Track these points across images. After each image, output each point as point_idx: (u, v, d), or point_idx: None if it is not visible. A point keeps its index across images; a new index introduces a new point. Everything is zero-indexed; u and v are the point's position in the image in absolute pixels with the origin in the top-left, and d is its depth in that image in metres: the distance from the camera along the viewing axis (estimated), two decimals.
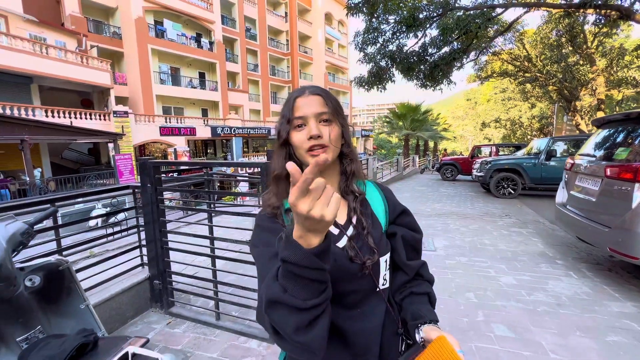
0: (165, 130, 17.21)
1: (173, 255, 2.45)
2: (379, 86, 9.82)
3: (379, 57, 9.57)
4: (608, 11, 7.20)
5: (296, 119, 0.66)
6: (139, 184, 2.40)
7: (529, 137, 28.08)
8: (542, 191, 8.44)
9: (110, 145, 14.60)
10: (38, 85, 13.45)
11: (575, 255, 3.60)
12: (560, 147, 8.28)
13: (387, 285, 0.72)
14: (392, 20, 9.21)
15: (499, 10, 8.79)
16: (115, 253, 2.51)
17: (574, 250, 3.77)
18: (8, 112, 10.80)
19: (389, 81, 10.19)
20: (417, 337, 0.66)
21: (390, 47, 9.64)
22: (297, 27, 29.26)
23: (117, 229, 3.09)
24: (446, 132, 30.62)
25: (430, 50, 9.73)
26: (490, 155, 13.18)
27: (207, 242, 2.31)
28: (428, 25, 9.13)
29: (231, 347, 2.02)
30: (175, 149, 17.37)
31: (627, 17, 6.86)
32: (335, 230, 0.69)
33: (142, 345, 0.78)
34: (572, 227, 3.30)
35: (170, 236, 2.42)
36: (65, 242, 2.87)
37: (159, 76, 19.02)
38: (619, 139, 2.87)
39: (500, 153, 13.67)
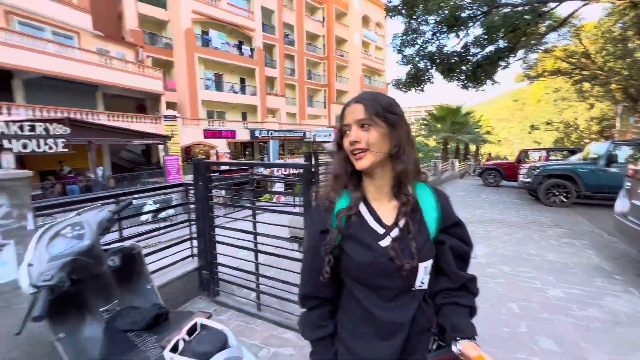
0: (208, 133, 18.30)
1: (219, 248, 2.66)
2: (417, 88, 9.62)
3: (417, 58, 9.39)
4: None
5: (344, 126, 0.74)
6: (191, 182, 2.65)
7: (585, 140, 25.53)
8: (599, 200, 7.67)
9: (161, 146, 15.88)
10: (102, 93, 15.05)
11: (638, 271, 3.26)
12: (624, 152, 7.46)
13: (425, 287, 0.74)
14: (432, 21, 9.00)
15: (552, 4, 8.20)
16: (168, 245, 2.79)
17: (636, 265, 3.41)
18: (78, 116, 12.25)
19: (428, 82, 9.95)
20: (454, 349, 0.68)
21: (430, 48, 9.41)
22: (334, 31, 29.56)
23: (165, 223, 3.40)
24: (489, 135, 28.89)
25: (472, 50, 9.34)
26: (539, 160, 12.23)
27: (249, 237, 2.48)
28: (471, 24, 8.79)
29: (271, 337, 2.16)
30: (217, 151, 18.39)
31: None
32: (380, 229, 0.73)
33: (207, 318, 0.91)
34: (635, 239, 3.00)
35: (217, 230, 2.63)
36: (124, 233, 3.24)
37: (204, 82, 20.30)
38: None
39: (551, 158, 12.63)
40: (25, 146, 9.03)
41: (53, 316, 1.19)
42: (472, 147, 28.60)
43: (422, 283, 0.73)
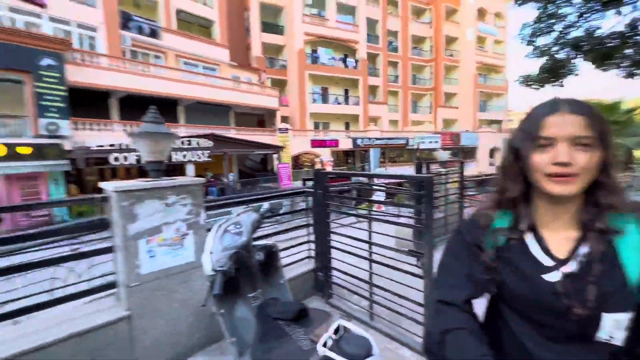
0: (315, 143, 19.74)
1: (334, 253, 2.80)
2: (555, 82, 8.00)
3: (556, 47, 7.81)
4: None
5: (543, 138, 0.58)
6: (310, 189, 2.89)
7: None
8: None
9: (275, 155, 18.05)
10: (233, 112, 18.22)
11: None
12: None
13: (616, 342, 0.56)
14: (578, 1, 7.34)
15: None
16: (289, 245, 3.10)
17: None
18: (218, 132, 15.21)
19: (569, 74, 8.14)
20: None
21: (574, 33, 7.68)
22: (443, 31, 27.65)
23: (284, 227, 3.80)
24: None
25: None
26: None
27: (364, 245, 2.52)
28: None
29: (385, 350, 2.12)
30: (321, 159, 19.63)
31: None
32: (547, 261, 0.61)
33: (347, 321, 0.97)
34: None
35: (332, 236, 2.78)
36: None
37: (312, 97, 22.10)
38: None
39: None
40: (185, 156, 11.71)
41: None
42: (638, 153, 21.65)
43: (611, 337, 0.56)
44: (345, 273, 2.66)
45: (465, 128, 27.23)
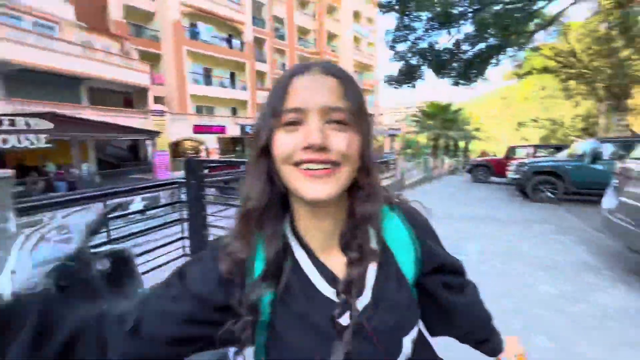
0: (198, 128, 17.98)
1: None
2: (409, 84, 9.66)
3: (409, 54, 9.41)
4: None
5: (288, 111, 0.40)
6: (184, 179, 2.57)
7: (570, 137, 26.22)
8: (585, 196, 7.89)
9: (148, 142, 15.53)
10: (86, 87, 14.56)
11: (624, 266, 3.35)
12: (608, 150, 7.68)
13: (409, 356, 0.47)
14: (424, 17, 9.01)
15: (541, 3, 8.31)
16: (159, 245, 2.71)
17: (622, 261, 3.51)
18: (62, 111, 11.84)
19: (419, 79, 9.99)
20: None
21: (422, 44, 9.45)
22: (325, 26, 29.34)
23: (158, 222, 3.31)
24: (478, 132, 29.37)
25: (464, 47, 9.42)
26: (527, 156, 12.49)
27: None
28: (463, 21, 8.84)
29: None
30: (206, 147, 18.11)
31: None
32: (330, 293, 0.44)
33: None
34: (622, 236, 3.08)
35: (212, 230, 2.57)
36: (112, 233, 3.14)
37: (193, 76, 19.90)
38: None
39: (538, 154, 12.90)
40: (5, 141, 8.68)
41: None
42: (462, 144, 29.04)
43: (407, 356, 0.47)
44: None
45: None
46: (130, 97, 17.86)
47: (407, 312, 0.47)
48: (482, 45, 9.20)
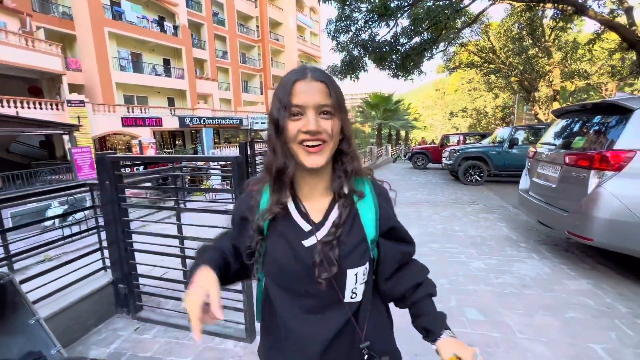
0: (128, 121, 16.13)
1: (139, 256, 2.29)
2: (352, 75, 9.78)
3: (351, 45, 9.49)
4: (564, 6, 7.62)
5: (294, 106, 0.59)
6: (97, 181, 2.20)
7: (492, 126, 29.61)
8: (505, 177, 8.96)
9: (66, 137, 13.45)
10: None
11: (537, 238, 3.85)
12: (521, 136, 8.78)
13: (358, 299, 0.65)
14: (364, 9, 9.13)
15: (466, 2, 8.99)
16: (73, 257, 2.31)
17: (535, 233, 4.03)
18: None
19: (362, 70, 10.18)
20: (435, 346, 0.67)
21: (363, 36, 9.58)
22: (268, 13, 28.30)
23: (75, 229, 2.83)
24: (417, 121, 31.47)
25: (401, 40, 9.80)
26: (458, 143, 13.73)
27: (175, 241, 2.18)
28: (399, 15, 9.16)
29: (206, 350, 1.94)
30: (140, 141, 16.36)
31: (581, 12, 7.30)
32: (305, 227, 0.65)
33: None
34: (534, 211, 3.50)
35: (136, 236, 2.25)
36: (15, 246, 2.60)
37: (119, 62, 17.67)
38: (576, 129, 3.06)
39: (467, 141, 14.29)
40: None
41: None
42: (403, 133, 30.86)
43: (354, 294, 0.64)
44: (157, 278, 2.23)
45: None
46: (38, 85, 15.21)
47: (353, 250, 0.63)
48: (417, 39, 9.67)
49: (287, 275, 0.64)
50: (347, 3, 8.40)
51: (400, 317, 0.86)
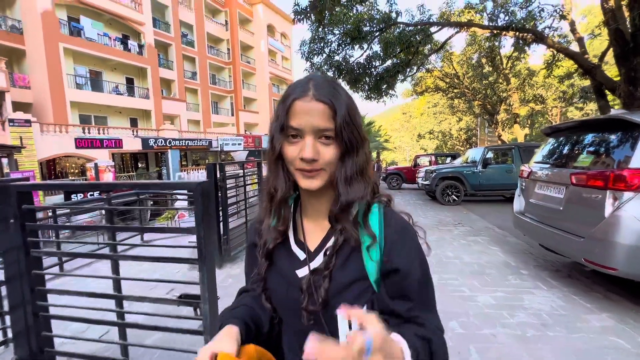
0: (82, 142, 14.73)
1: (58, 325, 1.63)
2: None
3: (325, 67, 9.42)
4: (525, 35, 8.11)
5: (291, 128, 0.54)
6: None
7: (457, 147, 31.15)
8: (480, 197, 9.02)
9: (5, 160, 11.85)
10: None
11: (535, 263, 3.59)
12: (491, 156, 8.98)
13: None
14: (337, 32, 9.17)
15: (433, 28, 9.35)
16: None
17: (532, 257, 3.79)
18: None
19: None
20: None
21: (337, 57, 9.58)
22: (239, 37, 28.37)
23: None
24: (387, 143, 32.37)
25: (374, 63, 9.93)
26: (430, 164, 13.97)
27: (110, 302, 1.57)
28: (371, 39, 9.30)
29: None
30: (96, 164, 14.91)
31: (541, 40, 7.78)
32: (301, 255, 0.60)
33: None
34: (535, 234, 3.26)
35: (57, 295, 1.60)
36: None
37: (75, 80, 16.40)
38: (575, 147, 2.91)
39: (439, 162, 14.61)
40: None
41: None
42: (374, 154, 31.46)
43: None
44: (80, 356, 1.58)
45: (265, 132, 29.36)
46: None
47: (346, 289, 0.55)
48: (389, 62, 9.85)
49: (283, 308, 0.61)
50: (322, 24, 8.35)
51: None
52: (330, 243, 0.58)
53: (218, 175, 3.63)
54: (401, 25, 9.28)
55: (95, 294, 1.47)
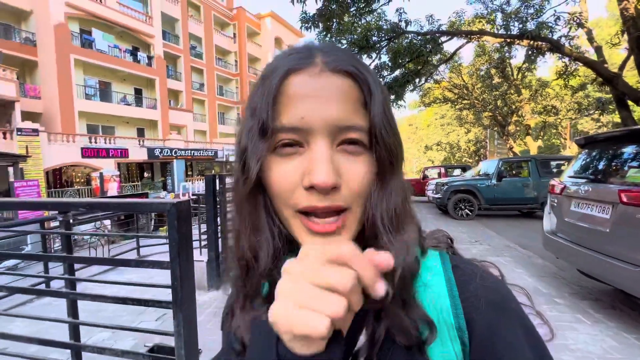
0: (88, 152, 14.75)
1: None
2: None
3: None
4: (539, 43, 7.83)
5: (283, 131, 0.29)
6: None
7: (465, 159, 30.64)
8: (495, 211, 8.57)
9: (11, 169, 11.84)
10: None
11: (570, 290, 3.19)
12: (506, 168, 8.58)
13: None
14: (345, 42, 9.04)
15: (444, 38, 9.15)
16: None
17: (564, 283, 3.38)
18: None
19: None
20: None
21: None
22: (247, 49, 28.76)
23: None
24: None
25: (383, 73, 9.75)
26: (439, 176, 13.56)
27: (63, 354, 1.25)
28: (379, 49, 9.14)
29: None
30: (101, 174, 14.87)
31: (557, 48, 7.48)
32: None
33: None
34: (571, 258, 2.88)
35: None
36: None
37: (84, 90, 16.58)
38: (620, 159, 2.56)
39: (448, 174, 14.20)
40: None
41: None
42: None
43: None
44: None
45: None
46: None
47: None
48: (398, 72, 9.66)
49: None
50: (330, 33, 8.22)
51: None
52: (361, 340, 0.31)
53: (217, 188, 3.36)
54: (410, 35, 9.12)
55: (45, 341, 1.16)
